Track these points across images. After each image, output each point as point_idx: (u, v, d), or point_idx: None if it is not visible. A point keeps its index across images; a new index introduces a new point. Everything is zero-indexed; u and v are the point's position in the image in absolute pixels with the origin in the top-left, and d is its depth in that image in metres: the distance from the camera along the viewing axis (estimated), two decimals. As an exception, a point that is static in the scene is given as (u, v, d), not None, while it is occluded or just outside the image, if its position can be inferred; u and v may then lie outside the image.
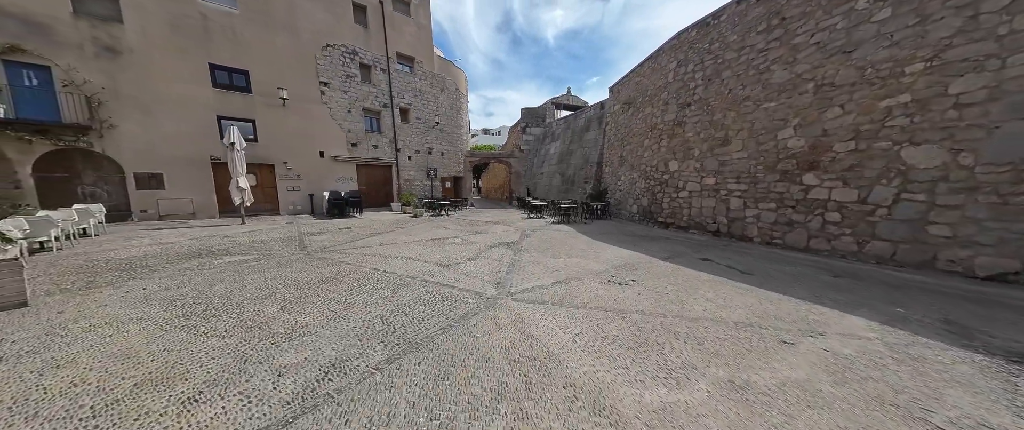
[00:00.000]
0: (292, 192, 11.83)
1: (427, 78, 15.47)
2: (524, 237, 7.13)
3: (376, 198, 14.44)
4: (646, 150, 9.31)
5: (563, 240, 6.72)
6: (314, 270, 4.38)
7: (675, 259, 5.07)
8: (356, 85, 13.05)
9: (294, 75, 11.51)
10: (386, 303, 3.17)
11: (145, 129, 9.17)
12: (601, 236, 7.25)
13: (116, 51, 8.69)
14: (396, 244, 6.28)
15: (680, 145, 7.91)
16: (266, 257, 5.13)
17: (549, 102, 19.39)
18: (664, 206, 8.37)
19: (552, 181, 17.00)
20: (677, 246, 6.11)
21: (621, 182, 11.00)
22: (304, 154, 11.98)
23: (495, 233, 7.67)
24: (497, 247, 5.99)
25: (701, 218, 7.37)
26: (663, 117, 8.54)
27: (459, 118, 17.52)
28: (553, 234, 7.52)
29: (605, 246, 6.10)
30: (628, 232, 7.88)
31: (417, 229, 8.33)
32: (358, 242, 6.53)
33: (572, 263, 4.80)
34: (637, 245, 6.20)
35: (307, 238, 6.96)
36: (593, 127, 14.33)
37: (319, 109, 12.20)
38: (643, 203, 9.38)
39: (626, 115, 10.96)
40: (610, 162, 12.21)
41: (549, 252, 5.55)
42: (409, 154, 15.17)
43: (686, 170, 7.71)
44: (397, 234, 7.53)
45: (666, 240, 6.76)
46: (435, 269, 4.45)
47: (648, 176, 9.14)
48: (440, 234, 7.50)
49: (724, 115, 6.83)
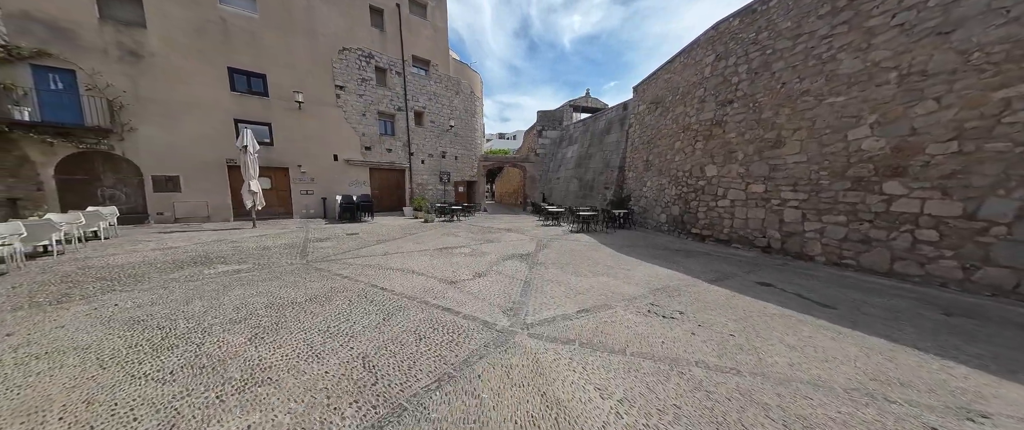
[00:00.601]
0: (305, 195, 11.71)
1: (442, 81, 15.21)
2: (540, 248, 6.46)
3: (388, 202, 14.18)
4: (677, 153, 8.44)
5: (585, 253, 5.99)
6: (306, 285, 3.90)
7: (725, 282, 4.24)
8: (371, 88, 12.91)
9: (310, 79, 11.46)
10: (375, 334, 2.59)
11: (164, 132, 9.25)
12: (628, 249, 6.46)
13: (139, 55, 8.82)
14: (401, 254, 5.76)
15: (720, 147, 7.02)
16: (261, 267, 4.72)
17: (566, 104, 18.70)
18: (700, 216, 7.47)
19: (569, 186, 16.24)
20: (722, 264, 5.24)
21: (647, 188, 10.12)
22: (318, 157, 11.87)
23: (508, 243, 7.04)
24: (510, 260, 5.35)
25: (746, 231, 6.43)
26: (698, 116, 7.67)
27: (473, 121, 17.16)
28: (573, 245, 6.80)
29: (635, 262, 5.32)
30: (658, 245, 7.03)
31: (426, 236, 7.83)
32: (362, 250, 6.07)
33: (599, 283, 4.08)
34: (673, 261, 5.38)
35: (311, 245, 6.58)
36: (614, 129, 13.52)
37: (334, 112, 12.09)
38: (673, 212, 8.49)
39: (653, 116, 10.12)
40: (634, 167, 11.35)
41: (570, 268, 4.85)
42: (422, 158, 14.88)
43: (727, 176, 6.81)
44: (404, 242, 7.04)
45: (706, 256, 5.88)
46: (439, 287, 3.86)
47: (680, 182, 8.25)
48: (449, 242, 6.95)
49: (776, 113, 5.93)
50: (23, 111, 7.30)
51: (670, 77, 9.14)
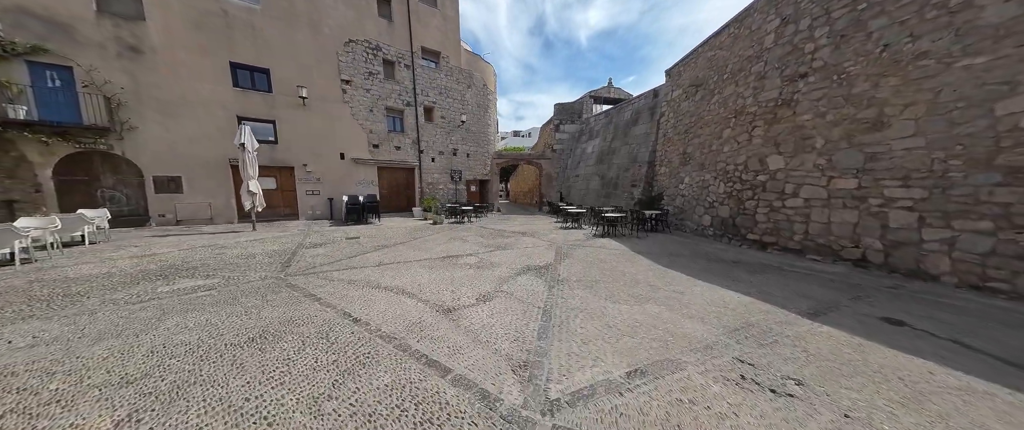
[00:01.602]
0: (311, 196, 11.18)
1: (453, 74, 14.33)
2: (561, 257, 5.37)
3: (397, 202, 13.49)
4: (726, 143, 7.06)
5: (617, 265, 4.85)
6: (264, 312, 3.03)
7: (832, 317, 3.00)
8: (379, 83, 12.22)
9: (315, 73, 10.87)
10: (309, 419, 1.63)
11: (165, 131, 8.88)
12: (671, 260, 5.25)
13: (138, 50, 8.46)
14: (397, 264, 4.85)
15: (788, 133, 5.64)
16: (228, 283, 3.94)
17: (587, 95, 17.34)
18: (759, 218, 6.10)
19: (589, 184, 14.96)
20: (807, 285, 3.95)
21: (684, 186, 8.76)
22: (324, 156, 11.30)
23: (523, 249, 6.00)
24: (525, 275, 4.31)
25: (828, 238, 5.05)
26: (756, 97, 6.29)
27: (486, 117, 16.19)
28: (600, 254, 5.66)
29: (686, 279, 4.13)
30: (708, 255, 5.76)
31: (432, 241, 6.93)
32: (355, 259, 5.23)
33: (647, 316, 2.96)
34: (736, 279, 4.15)
35: (302, 252, 5.83)
36: (642, 120, 12.12)
37: (340, 108, 11.48)
38: (721, 213, 7.13)
39: (692, 101, 8.73)
40: (667, 161, 9.98)
41: (602, 288, 3.74)
42: (433, 156, 14.09)
43: (800, 168, 5.43)
44: (406, 248, 6.15)
45: (778, 272, 4.58)
46: (430, 318, 2.88)
47: (730, 177, 6.88)
48: (456, 249, 6.00)
49: (874, 85, 4.53)
50: (18, 109, 7.02)
51: (715, 54, 7.74)
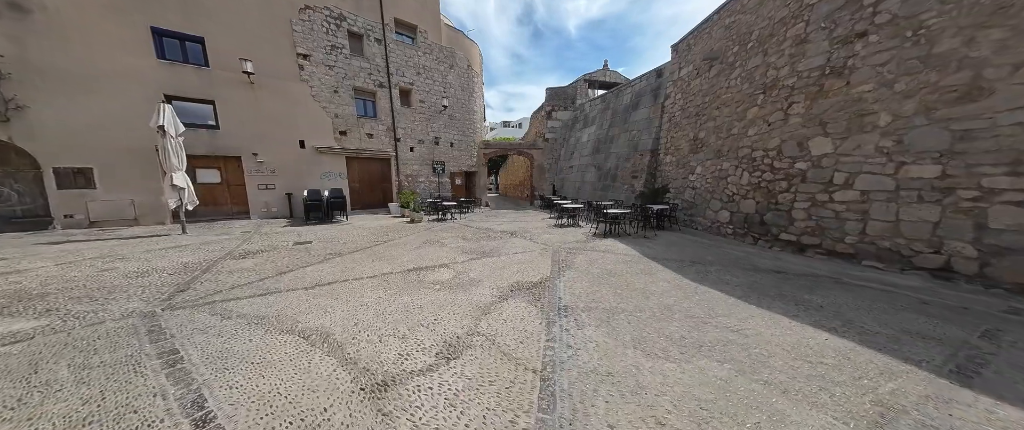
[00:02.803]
0: (264, 190, 9.60)
1: (432, 52, 12.76)
2: (560, 267, 4.19)
3: (371, 197, 12.01)
4: (752, 125, 5.96)
5: (633, 280, 3.69)
6: (49, 405, 1.72)
7: (990, 379, 1.90)
8: (344, 59, 10.57)
9: (264, 44, 9.18)
10: None
11: (67, 112, 7.15)
12: (697, 270, 4.13)
13: (23, 8, 6.65)
14: (340, 286, 3.56)
15: (839, 109, 4.54)
16: (57, 328, 2.58)
17: (581, 79, 16.04)
18: (796, 215, 5.05)
19: (584, 176, 13.81)
20: (900, 311, 2.88)
21: (695, 176, 7.68)
22: (280, 144, 9.69)
23: (512, 256, 4.79)
24: (514, 299, 3.10)
25: (896, 241, 4.01)
26: (794, 66, 5.17)
27: (472, 101, 14.70)
28: (607, 261, 4.50)
29: (734, 304, 3.00)
30: (737, 261, 4.67)
31: (401, 246, 5.63)
32: (285, 277, 3.90)
33: (710, 386, 1.79)
34: (798, 302, 3.05)
35: (222, 265, 4.45)
36: (644, 104, 10.96)
37: (298, 88, 9.83)
38: (743, 208, 6.07)
39: (705, 78, 7.58)
40: (673, 148, 8.87)
41: (624, 323, 2.57)
42: (411, 145, 12.60)
43: (855, 152, 4.35)
44: (364, 257, 4.84)
45: (840, 286, 3.52)
46: (341, 411, 1.62)
47: (756, 165, 5.80)
48: (428, 258, 4.72)
49: (969, 40, 3.43)
50: None
51: (735, 20, 6.57)
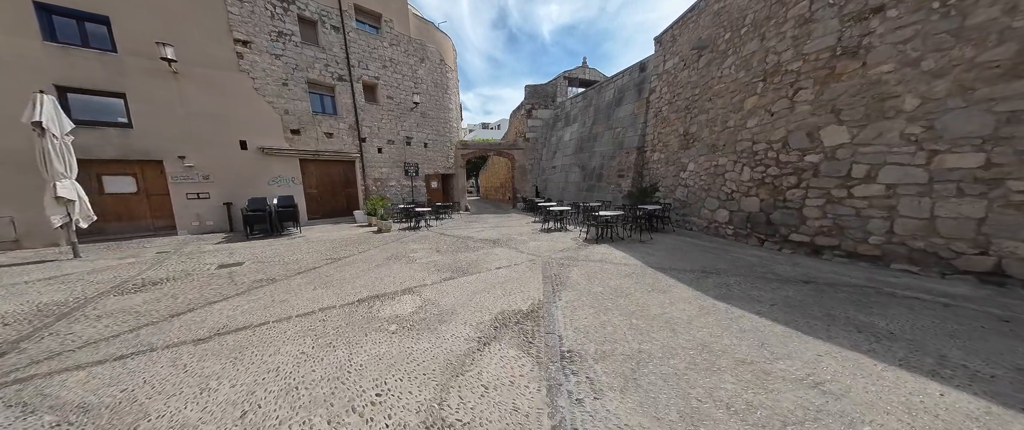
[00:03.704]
0: (196, 200, 8.08)
1: (400, 43, 11.66)
2: (555, 287, 3.35)
3: (333, 205, 10.67)
4: (751, 115, 5.46)
5: (647, 302, 2.93)
6: None
7: None
8: (294, 47, 9.26)
9: (190, 27, 7.74)
10: None
11: (-96, 104, 5.46)
12: (716, 283, 3.45)
13: None
14: (247, 334, 2.51)
15: (855, 93, 4.06)
16: None
17: (561, 76, 15.49)
18: (808, 214, 4.54)
19: (568, 176, 13.19)
20: (985, 335, 2.29)
21: (687, 173, 7.17)
22: (215, 145, 8.23)
23: (494, 272, 3.90)
24: (499, 343, 2.22)
25: (931, 241, 3.52)
26: (798, 49, 4.69)
27: (446, 99, 13.69)
28: (608, 274, 3.72)
29: (780, 331, 2.29)
30: (752, 268, 4.06)
31: (358, 264, 4.57)
32: (170, 326, 2.79)
33: None
34: (860, 328, 2.40)
35: (91, 306, 3.23)
36: (628, 99, 10.48)
37: (236, 80, 8.43)
38: (745, 207, 5.56)
39: (693, 70, 7.11)
40: (661, 145, 8.38)
41: (659, 379, 1.76)
42: (379, 145, 11.39)
43: (876, 141, 3.87)
44: (303, 283, 3.75)
45: (889, 299, 2.93)
46: None
47: (758, 159, 5.30)
48: (388, 280, 3.72)
49: (1010, 9, 2.98)
50: None
51: (726, 4, 6.11)
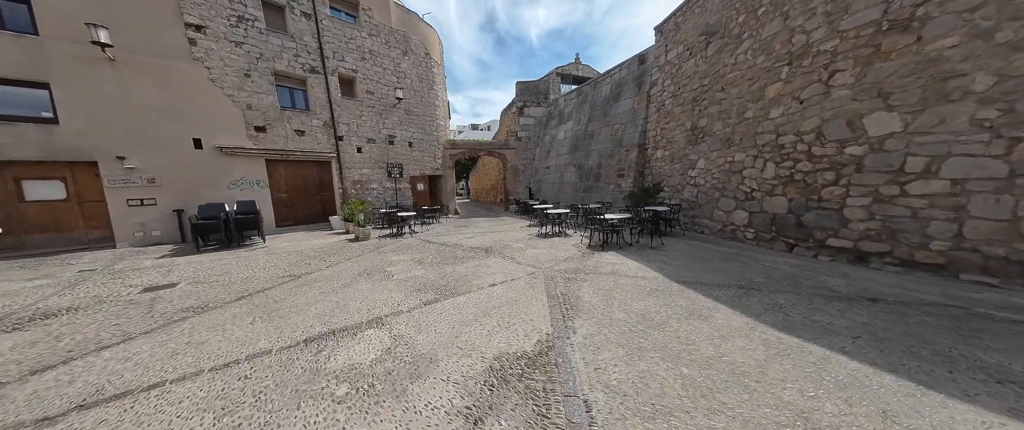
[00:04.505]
0: (139, 207, 7.01)
1: (381, 34, 10.78)
2: (565, 313, 2.58)
3: (306, 210, 9.69)
4: (774, 104, 4.85)
5: (692, 336, 2.20)
6: None
7: None
8: (258, 35, 8.30)
9: (130, 8, 6.72)
10: None
11: None
12: (760, 304, 2.74)
13: None
14: (112, 408, 1.63)
15: (905, 75, 3.46)
16: None
17: (553, 73, 14.85)
18: (849, 214, 3.91)
19: (563, 177, 12.52)
20: None
21: (696, 171, 6.54)
22: (163, 143, 7.18)
23: (486, 292, 3.11)
24: (494, 419, 1.43)
25: (1013, 247, 2.91)
26: (833, 26, 4.08)
27: (432, 95, 12.84)
28: (627, 294, 2.98)
29: (893, 385, 1.57)
30: (797, 282, 3.39)
31: (321, 283, 3.70)
32: (2, 395, 1.88)
33: None
34: (976, 365, 1.71)
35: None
36: (626, 94, 9.87)
37: (189, 69, 7.41)
38: (771, 208, 4.93)
39: (701, 58, 6.51)
40: (666, 141, 7.76)
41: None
42: (358, 144, 10.46)
43: (937, 128, 3.26)
44: (240, 314, 2.87)
45: (998, 327, 2.28)
46: None
47: (784, 153, 4.68)
48: (353, 307, 2.87)
49: None
50: None
51: (739, -16, 5.51)
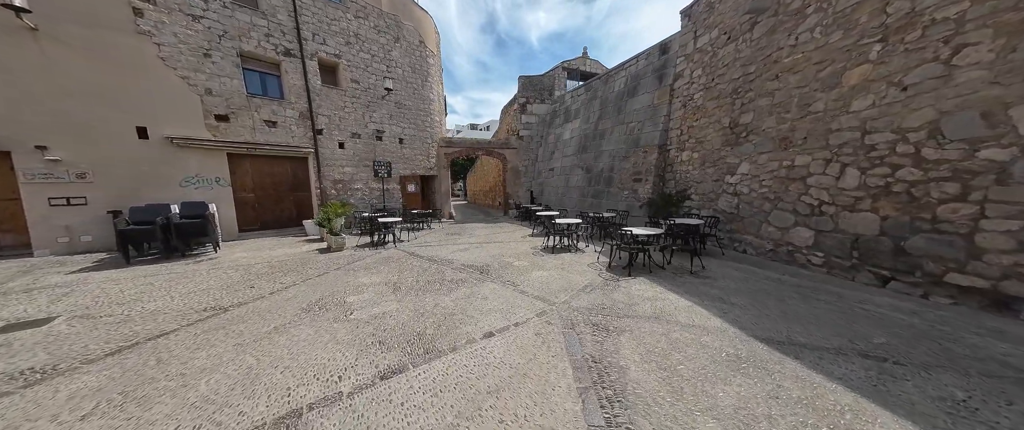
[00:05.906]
0: (64, 207, 5.84)
1: (369, 17, 9.67)
2: (605, 400, 1.43)
3: (277, 212, 8.52)
4: (858, 93, 3.75)
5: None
6: None
7: None
8: (222, 8, 7.16)
9: (60, -33, 5.59)
10: None
11: None
12: (913, 385, 1.61)
13: None
14: None
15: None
16: None
17: (559, 67, 13.78)
18: (982, 242, 2.81)
19: (569, 180, 11.40)
20: None
21: (738, 177, 5.44)
22: (98, 132, 6.03)
23: (477, 344, 1.97)
24: None
25: None
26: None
27: (427, 88, 11.72)
28: (692, 361, 1.84)
29: None
30: (937, 342, 2.26)
31: (248, 323, 2.55)
32: None
33: None
34: None
35: None
36: (644, 87, 8.78)
37: (132, 45, 6.26)
38: (851, 227, 3.83)
39: (744, 42, 5.42)
40: (695, 141, 6.66)
41: None
42: (341, 139, 9.31)
43: None
44: (81, 389, 1.68)
45: None
46: None
47: (875, 157, 3.58)
48: (266, 379, 1.69)
49: None
50: None
51: (801, -55, 4.42)
